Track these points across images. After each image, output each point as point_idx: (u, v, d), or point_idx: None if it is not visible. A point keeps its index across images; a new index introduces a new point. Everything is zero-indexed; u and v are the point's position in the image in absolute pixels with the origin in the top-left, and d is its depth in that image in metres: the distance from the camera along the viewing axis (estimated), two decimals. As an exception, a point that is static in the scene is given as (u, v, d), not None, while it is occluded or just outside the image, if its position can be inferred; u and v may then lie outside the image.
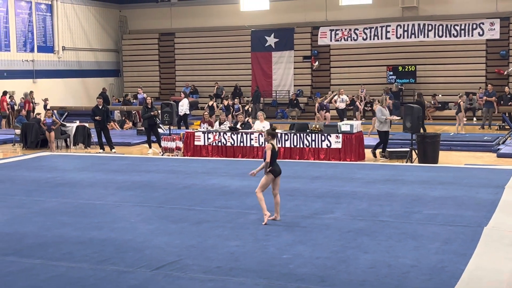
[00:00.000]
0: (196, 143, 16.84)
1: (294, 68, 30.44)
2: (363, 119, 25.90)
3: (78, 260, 7.29)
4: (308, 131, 15.88)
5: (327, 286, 6.33)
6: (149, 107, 18.22)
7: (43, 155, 17.02)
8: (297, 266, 6.95)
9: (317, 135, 15.66)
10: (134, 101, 28.49)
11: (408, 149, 15.37)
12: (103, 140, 18.34)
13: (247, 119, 18.29)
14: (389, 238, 8.07)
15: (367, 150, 16.34)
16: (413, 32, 28.09)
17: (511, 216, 9.22)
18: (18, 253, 7.67)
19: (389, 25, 28.41)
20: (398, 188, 11.34)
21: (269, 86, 30.82)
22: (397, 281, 6.44)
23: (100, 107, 18.38)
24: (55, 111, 22.76)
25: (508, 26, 27.18)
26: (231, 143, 16.47)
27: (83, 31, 31.35)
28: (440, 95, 27.87)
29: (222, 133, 16.61)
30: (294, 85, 30.46)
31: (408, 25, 28.14)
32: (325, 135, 15.59)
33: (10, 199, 10.98)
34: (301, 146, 15.78)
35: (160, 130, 19.19)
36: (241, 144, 16.36)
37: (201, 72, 31.85)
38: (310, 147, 15.71)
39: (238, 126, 17.08)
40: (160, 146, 17.70)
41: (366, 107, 26.96)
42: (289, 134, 15.91)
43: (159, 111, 18.23)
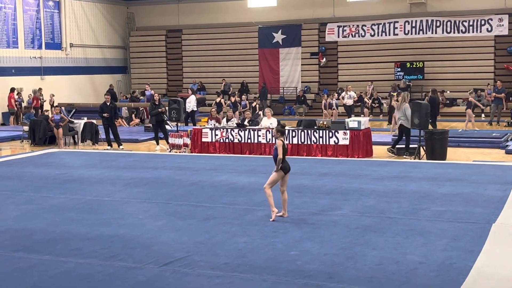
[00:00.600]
0: (204, 139, 16.86)
1: (302, 65, 30.41)
2: (370, 115, 25.87)
3: (86, 256, 7.32)
4: (315, 127, 15.86)
5: (335, 282, 6.32)
6: (157, 103, 18.24)
7: (51, 152, 17.08)
8: (304, 263, 6.95)
9: (324, 131, 15.64)
10: (142, 97, 28.56)
11: (416, 145, 15.34)
12: (110, 136, 18.39)
13: (258, 112, 18.15)
14: (397, 234, 8.06)
15: (375, 146, 16.31)
16: (421, 28, 27.99)
17: (519, 212, 9.19)
18: (27, 249, 7.70)
19: (397, 21, 28.33)
20: (406, 185, 11.32)
21: (277, 82, 30.81)
22: (404, 278, 6.43)
23: (108, 103, 18.41)
24: (63, 107, 22.82)
25: (516, 22, 27.07)
26: (238, 139, 16.47)
27: (90, 28, 31.42)
28: (448, 91, 27.78)
29: (229, 130, 16.62)
30: (302, 82, 30.43)
31: (416, 21, 28.04)
32: (333, 131, 15.57)
33: (18, 196, 11.03)
34: (309, 142, 15.77)
35: (167, 127, 19.22)
36: (249, 141, 16.36)
37: (209, 69, 31.88)
38: (318, 143, 15.70)
39: (246, 122, 17.08)
40: (168, 142, 17.73)
41: (374, 104, 26.91)
42: (296, 131, 15.90)
43: (167, 107, 18.26)
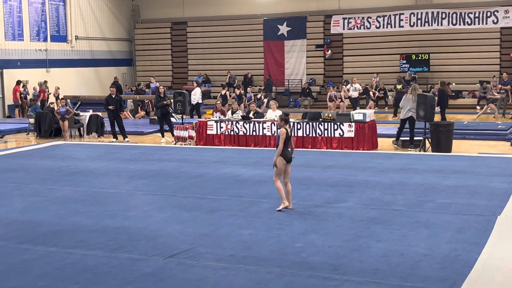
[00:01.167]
0: (209, 132, 16.86)
1: (307, 57, 30.32)
2: (376, 107, 25.80)
3: (92, 248, 7.35)
4: (320, 120, 15.85)
5: (340, 274, 6.34)
6: (162, 96, 18.25)
7: (57, 144, 17.12)
8: (309, 255, 6.97)
9: (329, 124, 15.62)
10: (147, 90, 28.54)
11: (422, 138, 15.31)
12: (116, 129, 18.42)
13: (262, 100, 18.05)
14: (401, 227, 8.06)
15: (380, 139, 16.28)
16: (426, 20, 27.86)
17: (525, 205, 9.18)
18: (33, 241, 7.74)
19: (403, 13, 28.20)
20: (411, 177, 11.31)
21: (282, 75, 30.75)
22: (409, 270, 6.44)
23: (113, 96, 18.42)
24: (68, 100, 22.85)
25: (523, 14, 26.91)
26: (243, 132, 16.47)
27: (95, 20, 31.41)
28: (453, 83, 27.68)
29: (234, 122, 16.62)
30: (307, 74, 30.36)
31: (421, 13, 27.91)
32: (338, 124, 15.55)
33: (24, 188, 11.07)
34: (314, 135, 15.76)
35: (172, 119, 19.23)
36: (254, 133, 16.36)
37: (214, 61, 31.83)
38: (323, 136, 15.68)
39: (251, 115, 17.07)
40: (173, 135, 17.75)
41: (380, 94, 26.70)
42: (301, 123, 15.88)
43: (172, 100, 18.26)
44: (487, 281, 6.17)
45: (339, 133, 15.53)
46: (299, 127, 15.87)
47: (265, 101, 18.48)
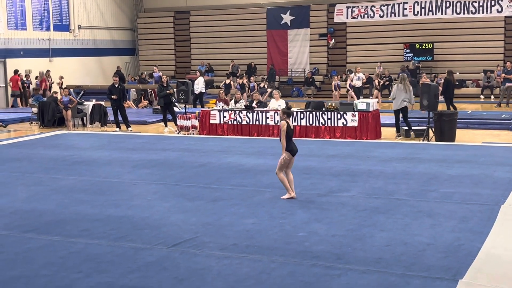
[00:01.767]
0: (212, 121, 16.85)
1: (310, 46, 30.24)
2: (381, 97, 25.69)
3: (95, 237, 7.37)
4: (324, 109, 15.82)
5: (343, 263, 6.34)
6: (165, 85, 18.23)
7: (60, 134, 17.13)
8: (312, 244, 6.97)
9: (333, 113, 15.60)
10: (150, 79, 28.54)
11: (425, 127, 15.28)
12: (119, 118, 18.42)
13: (266, 88, 18.01)
14: (405, 216, 8.06)
15: (383, 128, 16.26)
16: (430, 9, 27.71)
17: (528, 194, 9.16)
18: (36, 230, 7.76)
19: (406, 2, 28.03)
20: (414, 167, 11.30)
21: (285, 64, 30.68)
22: (413, 259, 6.44)
23: (116, 85, 18.41)
24: (71, 89, 22.86)
25: (527, 2, 26.76)
26: (246, 121, 16.46)
27: (98, 9, 31.34)
28: (457, 72, 27.58)
29: (237, 112, 16.60)
30: (310, 63, 30.29)
31: (425, 1, 27.75)
32: (341, 113, 15.53)
33: (28, 177, 11.08)
34: (317, 124, 15.74)
35: (175, 109, 19.22)
36: (257, 123, 16.35)
37: (217, 51, 31.77)
38: (326, 125, 15.66)
39: (254, 104, 17.05)
40: (176, 124, 17.74)
41: (385, 82, 26.52)
42: (305, 113, 15.86)
43: (175, 89, 18.24)
44: (491, 270, 6.16)
45: (343, 123, 15.51)
46: (302, 116, 15.84)
47: (269, 90, 18.45)
